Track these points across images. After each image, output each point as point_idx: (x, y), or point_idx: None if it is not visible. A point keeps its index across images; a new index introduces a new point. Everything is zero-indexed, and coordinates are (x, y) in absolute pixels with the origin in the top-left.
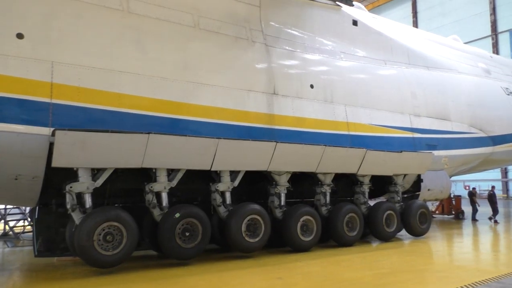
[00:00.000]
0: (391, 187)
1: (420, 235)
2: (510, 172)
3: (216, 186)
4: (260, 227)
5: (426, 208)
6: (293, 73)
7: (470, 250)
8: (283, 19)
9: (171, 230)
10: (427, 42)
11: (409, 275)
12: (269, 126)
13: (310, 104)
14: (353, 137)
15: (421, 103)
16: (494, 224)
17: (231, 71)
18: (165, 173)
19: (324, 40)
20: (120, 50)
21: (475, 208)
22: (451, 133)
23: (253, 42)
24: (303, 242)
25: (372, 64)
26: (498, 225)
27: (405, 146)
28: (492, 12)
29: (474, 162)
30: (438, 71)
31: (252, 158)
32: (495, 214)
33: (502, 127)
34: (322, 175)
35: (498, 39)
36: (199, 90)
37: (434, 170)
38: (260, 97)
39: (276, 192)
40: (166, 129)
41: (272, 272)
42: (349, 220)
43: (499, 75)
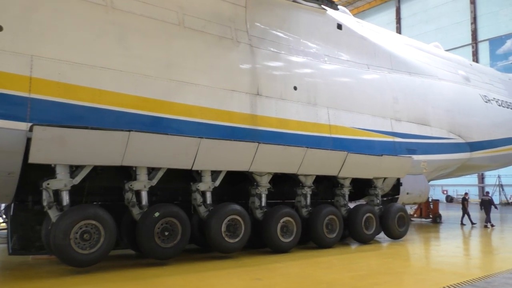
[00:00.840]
0: (371, 190)
1: (398, 238)
2: (486, 177)
3: (197, 185)
4: (240, 228)
5: (404, 211)
6: (277, 74)
7: (446, 253)
8: (269, 20)
9: (150, 229)
10: (409, 48)
11: (387, 277)
12: (252, 127)
13: (293, 106)
14: (335, 139)
15: (402, 108)
16: (490, 228)
17: (215, 71)
18: (145, 171)
19: (309, 42)
20: (102, 46)
21: (464, 213)
22: (431, 138)
23: (238, 42)
24: (283, 243)
25: (356, 68)
26: (474, 229)
27: (386, 150)
28: (473, 21)
29: (452, 167)
30: (419, 77)
31: (234, 158)
32: (487, 218)
33: (480, 133)
34: (303, 176)
35: (478, 48)
36: (182, 88)
37: (413, 174)
38: (243, 98)
39: (257, 193)
40: (148, 127)
41: (251, 273)
42: (329, 222)
43: (478, 82)
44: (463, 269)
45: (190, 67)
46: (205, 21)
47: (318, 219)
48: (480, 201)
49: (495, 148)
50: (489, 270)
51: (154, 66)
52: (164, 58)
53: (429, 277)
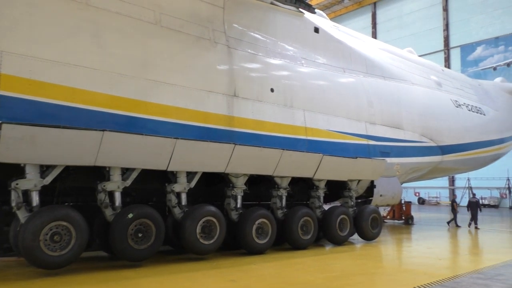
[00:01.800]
0: (345, 192)
1: (372, 239)
2: (456, 180)
3: (172, 186)
4: (215, 229)
5: (377, 213)
6: (254, 76)
7: (417, 254)
8: (247, 22)
9: (123, 231)
10: (384, 53)
11: (360, 278)
12: (228, 128)
13: (270, 108)
14: (310, 142)
15: (376, 111)
16: (475, 229)
17: (192, 71)
18: (119, 172)
19: (286, 45)
20: (76, 43)
21: (455, 214)
22: (404, 142)
23: (216, 43)
24: (258, 244)
25: (332, 71)
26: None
27: (360, 152)
28: (445, 28)
29: (424, 170)
30: (393, 81)
31: (210, 159)
32: (474, 219)
33: (451, 137)
34: (279, 178)
35: (450, 54)
36: (158, 88)
37: (387, 176)
38: (220, 99)
39: (233, 194)
40: (123, 127)
41: (226, 275)
42: (304, 223)
43: (449, 88)
44: (433, 269)
45: (167, 67)
46: (182, 21)
47: (293, 221)
48: (468, 203)
49: (465, 152)
50: (457, 270)
51: (129, 65)
52: (140, 57)
53: (400, 278)
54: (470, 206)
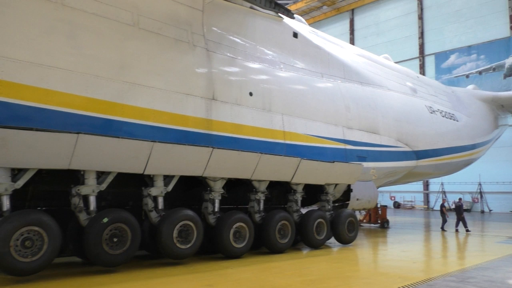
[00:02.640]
0: (322, 196)
1: (348, 242)
2: (431, 185)
3: (148, 190)
4: (192, 233)
5: (354, 217)
6: (233, 79)
7: (392, 257)
8: (226, 25)
9: (97, 236)
10: (361, 59)
11: (336, 282)
12: (206, 132)
13: (248, 112)
14: (288, 146)
15: (354, 116)
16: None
17: (170, 74)
18: (94, 175)
19: (265, 49)
20: (51, 44)
21: (444, 219)
22: (380, 146)
23: (194, 46)
24: (235, 248)
25: (310, 76)
26: (419, 234)
27: (338, 156)
28: (420, 36)
29: (400, 174)
30: (370, 87)
31: (188, 163)
32: (463, 223)
33: (425, 142)
34: (257, 182)
35: (425, 61)
36: (135, 91)
37: (363, 180)
38: (198, 102)
39: (210, 198)
40: (99, 130)
41: (203, 279)
42: (281, 227)
43: (424, 94)
44: (408, 272)
45: (144, 69)
46: (161, 23)
47: (271, 225)
48: (455, 207)
49: (439, 157)
50: (431, 273)
51: (106, 67)
52: (117, 59)
53: (375, 281)
54: (456, 210)
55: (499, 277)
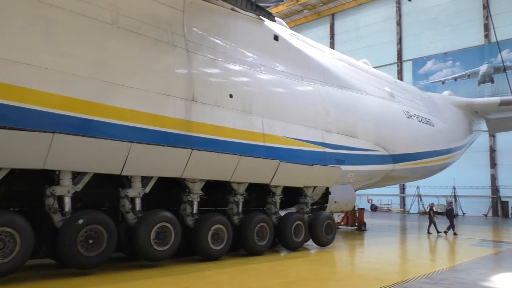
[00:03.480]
0: (301, 199)
1: (326, 245)
2: (407, 188)
3: (126, 191)
4: (170, 235)
5: (332, 219)
6: (213, 81)
7: (369, 259)
8: (207, 26)
9: (72, 237)
10: (341, 63)
11: (314, 284)
12: (186, 133)
13: (228, 114)
14: (268, 148)
15: (333, 120)
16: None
17: (150, 74)
18: (69, 176)
19: (246, 51)
20: (26, 41)
21: (432, 222)
22: (358, 150)
23: (174, 47)
24: (214, 250)
25: (290, 79)
26: (395, 236)
27: (316, 159)
28: (398, 42)
29: (377, 178)
30: (349, 91)
31: (166, 164)
32: (452, 227)
33: (402, 146)
34: (236, 184)
35: (402, 67)
36: (114, 90)
37: (341, 183)
38: (178, 103)
39: (189, 200)
40: (75, 130)
41: (180, 281)
42: (260, 229)
43: (401, 99)
44: (384, 274)
45: (123, 69)
46: (140, 23)
47: (249, 227)
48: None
49: (415, 161)
50: (406, 275)
51: (83, 66)
52: (95, 58)
53: (352, 283)
54: (447, 214)
55: (471, 279)
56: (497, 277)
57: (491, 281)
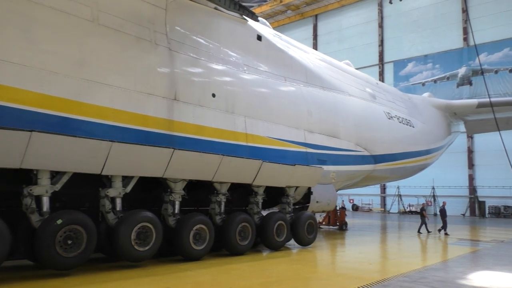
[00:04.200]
0: (283, 198)
1: (308, 244)
2: (387, 188)
3: (106, 191)
4: (151, 235)
5: (313, 219)
6: (196, 80)
7: (350, 259)
8: (190, 25)
9: (50, 238)
10: (323, 64)
11: (295, 283)
12: (168, 132)
13: (211, 113)
14: (250, 148)
15: (315, 120)
16: (444, 236)
17: (131, 72)
18: (48, 175)
19: (229, 51)
20: (4, 37)
21: (424, 222)
22: (340, 150)
23: (157, 45)
24: (195, 251)
25: (273, 79)
26: (376, 236)
27: (299, 160)
28: (380, 44)
29: (358, 178)
30: (331, 92)
31: (148, 163)
32: (444, 227)
33: (383, 147)
34: (218, 184)
35: (384, 68)
36: (94, 89)
37: (323, 183)
38: (160, 102)
39: (171, 200)
40: (54, 128)
41: (161, 282)
42: (242, 229)
43: (382, 100)
44: (364, 273)
45: (104, 67)
46: (122, 20)
47: (231, 227)
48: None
49: (395, 161)
50: (386, 274)
51: (63, 63)
52: (75, 55)
53: (333, 282)
54: (441, 214)
55: (450, 277)
56: (474, 275)
57: (468, 279)
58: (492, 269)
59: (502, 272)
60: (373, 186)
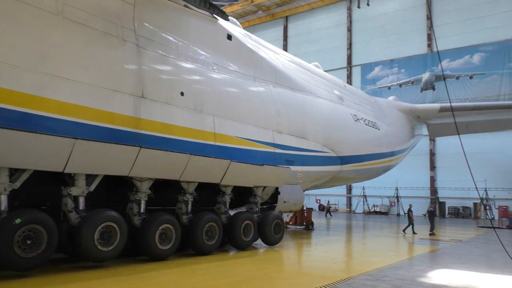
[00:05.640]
0: (251, 198)
1: (274, 244)
2: (353, 189)
3: (68, 190)
4: (115, 235)
5: (280, 219)
6: (164, 78)
7: (315, 258)
8: (159, 22)
9: (8, 238)
10: (293, 65)
11: (261, 282)
12: (134, 130)
13: (179, 112)
14: (219, 147)
15: (284, 121)
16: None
17: (97, 68)
18: (6, 172)
19: (198, 49)
20: None
21: (411, 222)
22: (307, 151)
23: (124, 41)
24: (161, 250)
25: (243, 79)
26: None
27: (267, 160)
28: (348, 47)
29: (325, 178)
30: (300, 93)
31: (113, 162)
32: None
33: (349, 149)
34: (185, 183)
35: (352, 71)
36: (57, 84)
37: (291, 184)
38: (126, 99)
39: (136, 199)
40: (13, 124)
41: (124, 283)
42: (209, 229)
43: (350, 102)
44: (329, 272)
45: (68, 62)
46: (87, 14)
47: (198, 226)
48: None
49: (361, 163)
50: (350, 273)
51: (23, 56)
52: (37, 49)
53: (299, 281)
54: (429, 215)
55: (410, 275)
56: (433, 273)
57: (427, 277)
58: (450, 268)
59: (459, 270)
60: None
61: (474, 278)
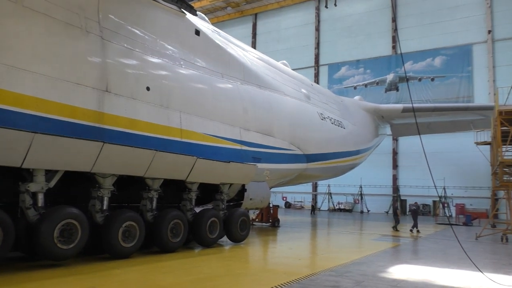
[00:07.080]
0: (217, 195)
1: (240, 241)
2: (319, 186)
3: (26, 186)
4: (76, 233)
5: (247, 216)
6: (129, 72)
7: (280, 254)
8: (124, 14)
9: None
10: (261, 63)
11: (226, 279)
12: (97, 125)
13: (144, 107)
14: (185, 144)
15: (251, 118)
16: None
17: (58, 60)
18: None
19: (166, 44)
20: None
21: (397, 220)
22: (274, 149)
23: (87, 33)
24: (124, 248)
25: (210, 75)
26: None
27: (233, 157)
28: (316, 47)
29: (291, 176)
30: (268, 91)
31: (74, 157)
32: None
33: (316, 147)
34: (150, 180)
35: (319, 71)
36: (15, 75)
37: (257, 181)
38: (89, 93)
39: (99, 196)
40: None
41: (85, 281)
42: (173, 226)
43: (316, 101)
44: (293, 268)
45: (27, 53)
46: (49, 3)
47: (163, 224)
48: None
49: (327, 161)
50: (314, 269)
51: None
52: None
53: (263, 277)
54: (412, 213)
55: (371, 270)
56: (394, 268)
57: (388, 272)
58: (409, 263)
59: (418, 266)
60: (306, 184)
61: (431, 273)
